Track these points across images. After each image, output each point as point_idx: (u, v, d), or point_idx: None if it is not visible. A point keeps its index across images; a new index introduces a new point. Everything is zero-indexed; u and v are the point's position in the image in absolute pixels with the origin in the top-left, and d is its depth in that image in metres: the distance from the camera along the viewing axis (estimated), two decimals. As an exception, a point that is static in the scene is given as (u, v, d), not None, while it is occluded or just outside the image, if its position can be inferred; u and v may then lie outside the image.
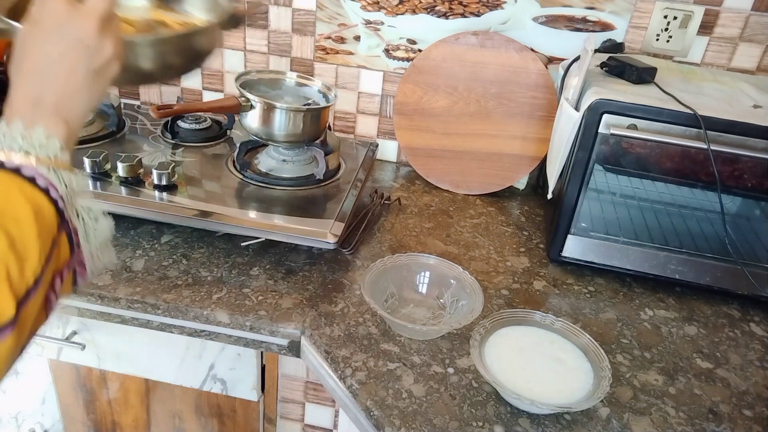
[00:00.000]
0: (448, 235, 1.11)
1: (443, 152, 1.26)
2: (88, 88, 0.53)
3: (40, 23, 0.52)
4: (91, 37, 0.52)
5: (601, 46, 1.12)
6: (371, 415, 0.74)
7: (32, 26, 0.52)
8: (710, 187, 0.93)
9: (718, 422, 0.77)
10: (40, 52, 0.51)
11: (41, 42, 0.51)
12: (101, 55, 0.53)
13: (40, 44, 0.51)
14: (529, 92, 1.19)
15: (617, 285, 1.02)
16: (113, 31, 0.55)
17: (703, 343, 0.91)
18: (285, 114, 1.06)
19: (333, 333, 0.84)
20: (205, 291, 0.90)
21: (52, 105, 0.51)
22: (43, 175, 0.48)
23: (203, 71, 1.38)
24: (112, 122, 1.18)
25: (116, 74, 0.56)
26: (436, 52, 1.21)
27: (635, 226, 1.01)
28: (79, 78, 0.52)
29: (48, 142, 0.49)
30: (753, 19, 1.13)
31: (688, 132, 0.89)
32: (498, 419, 0.74)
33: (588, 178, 0.96)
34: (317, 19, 1.27)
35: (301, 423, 1.10)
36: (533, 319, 0.84)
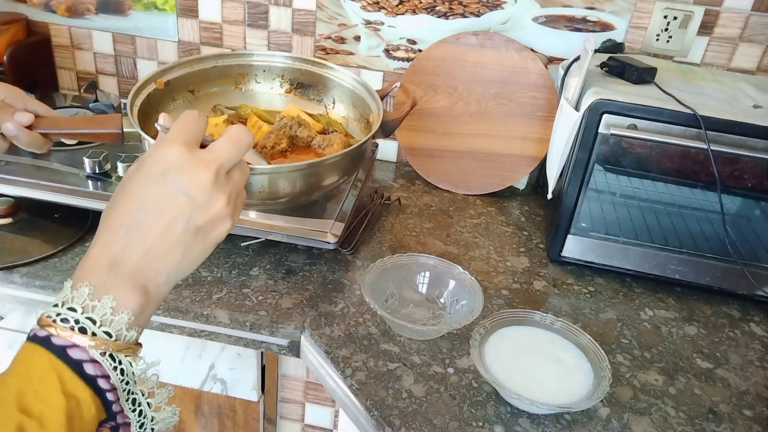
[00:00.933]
0: (448, 235, 1.11)
1: (443, 152, 1.26)
2: (182, 249, 0.44)
3: (147, 165, 0.43)
4: (202, 189, 0.43)
5: (601, 46, 1.12)
6: (371, 415, 0.74)
7: (138, 168, 0.44)
8: (710, 187, 0.93)
9: (718, 422, 0.77)
10: (136, 200, 0.42)
11: (140, 187, 0.43)
12: (209, 212, 0.44)
13: (139, 189, 0.43)
14: (529, 92, 1.19)
15: (617, 285, 1.02)
16: (233, 185, 0.45)
17: (703, 343, 0.91)
18: (285, 114, 1.05)
19: (333, 333, 0.84)
20: (205, 291, 0.90)
21: (133, 267, 0.42)
22: (95, 360, 0.39)
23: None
24: (112, 122, 1.18)
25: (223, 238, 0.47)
26: (436, 52, 1.21)
27: (635, 226, 1.01)
28: (175, 235, 0.43)
29: (114, 317, 0.40)
30: (753, 19, 1.13)
31: (688, 132, 0.89)
32: (498, 419, 0.74)
33: (588, 178, 0.96)
34: (317, 19, 1.27)
35: (301, 423, 1.10)
36: (533, 319, 0.84)
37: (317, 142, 0.78)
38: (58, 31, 1.38)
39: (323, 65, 0.80)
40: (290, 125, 0.75)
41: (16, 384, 0.37)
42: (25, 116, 0.58)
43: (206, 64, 0.74)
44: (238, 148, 0.46)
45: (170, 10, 1.31)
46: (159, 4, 1.31)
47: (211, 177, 0.43)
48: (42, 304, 0.89)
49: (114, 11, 1.34)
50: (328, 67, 0.81)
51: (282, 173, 0.68)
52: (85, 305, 0.39)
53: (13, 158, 1.04)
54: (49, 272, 0.89)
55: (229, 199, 0.45)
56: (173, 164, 0.43)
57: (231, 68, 0.77)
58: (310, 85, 0.81)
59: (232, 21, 1.30)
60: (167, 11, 1.32)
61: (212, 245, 0.46)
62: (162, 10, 1.32)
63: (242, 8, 1.29)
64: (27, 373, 0.37)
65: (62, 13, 1.36)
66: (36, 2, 1.35)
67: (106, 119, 0.60)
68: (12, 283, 0.89)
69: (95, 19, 1.35)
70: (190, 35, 1.34)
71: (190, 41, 1.34)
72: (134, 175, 0.44)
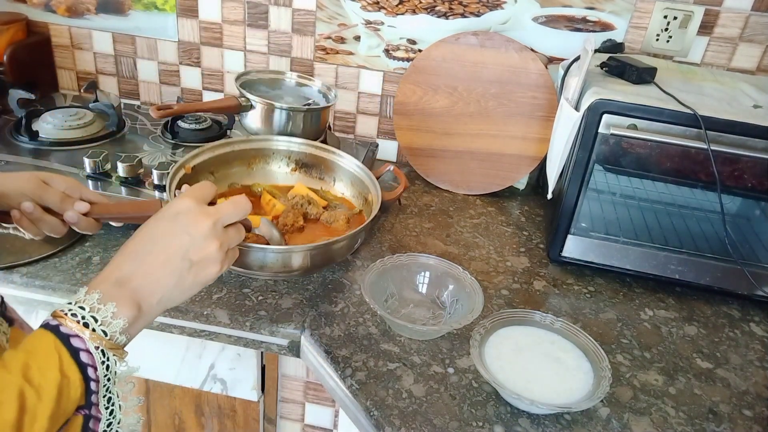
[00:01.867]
0: (448, 235, 1.11)
1: (443, 152, 1.26)
2: (177, 278, 0.53)
3: (164, 210, 0.55)
4: (201, 232, 0.53)
5: (601, 46, 1.12)
6: (371, 415, 0.74)
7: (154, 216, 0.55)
8: (710, 187, 0.93)
9: (718, 422, 0.77)
10: (150, 233, 0.53)
11: (155, 223, 0.54)
12: (203, 251, 0.53)
13: (153, 225, 0.54)
14: (529, 92, 1.19)
15: (617, 285, 1.02)
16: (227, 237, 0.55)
17: (703, 343, 0.91)
18: (285, 114, 1.06)
19: (333, 333, 0.84)
20: (205, 291, 0.90)
21: (134, 286, 0.51)
22: (89, 352, 0.47)
23: (203, 71, 1.38)
24: (112, 122, 1.18)
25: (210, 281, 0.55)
26: (436, 52, 1.21)
27: (635, 226, 1.01)
28: (173, 265, 0.52)
29: (112, 320, 0.49)
30: (753, 19, 1.14)
31: (688, 132, 0.89)
32: (498, 419, 0.74)
33: (588, 178, 0.96)
34: (317, 19, 1.27)
35: (301, 423, 1.10)
36: (533, 319, 0.84)
37: (325, 217, 0.88)
38: (58, 31, 1.38)
39: (327, 150, 0.92)
40: (301, 203, 0.87)
41: (24, 357, 0.45)
42: (83, 205, 0.68)
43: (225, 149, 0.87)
44: (237, 210, 0.57)
45: (170, 10, 1.31)
46: (159, 4, 1.31)
47: (210, 224, 0.54)
48: (42, 303, 0.89)
49: (114, 11, 1.34)
50: (331, 152, 0.93)
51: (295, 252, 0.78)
52: (93, 307, 0.48)
53: (13, 158, 1.04)
54: (49, 272, 0.89)
55: (221, 246, 0.55)
56: (183, 210, 0.54)
57: (246, 152, 0.90)
58: (314, 165, 0.94)
59: (232, 21, 1.31)
60: (167, 11, 1.32)
61: (202, 283, 0.55)
62: (162, 10, 1.32)
63: (242, 8, 1.29)
64: (35, 350, 0.46)
65: (62, 13, 1.36)
66: (36, 2, 1.35)
67: (148, 204, 0.71)
68: (12, 282, 0.89)
69: (95, 19, 1.36)
70: (190, 35, 1.34)
71: (190, 41, 1.34)
72: (155, 216, 0.55)
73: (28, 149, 1.08)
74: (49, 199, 0.67)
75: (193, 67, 1.38)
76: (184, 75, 1.39)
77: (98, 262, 0.93)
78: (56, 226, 0.68)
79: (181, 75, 1.39)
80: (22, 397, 0.43)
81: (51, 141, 1.09)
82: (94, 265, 0.93)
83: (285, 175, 0.93)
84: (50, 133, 1.11)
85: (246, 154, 0.90)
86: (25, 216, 0.66)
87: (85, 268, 0.92)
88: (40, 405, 0.44)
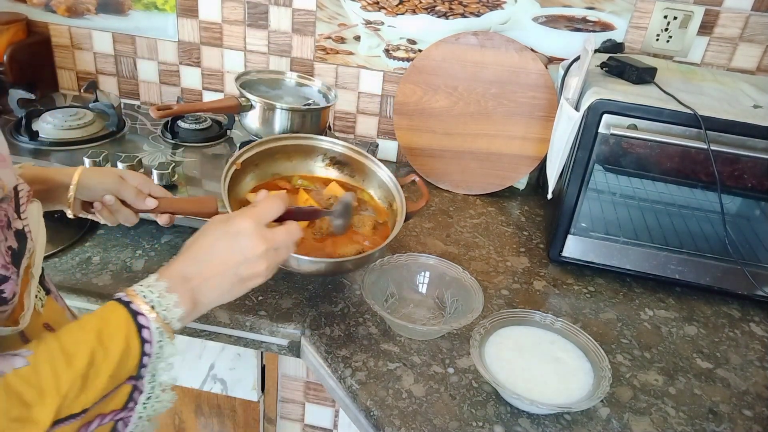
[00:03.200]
0: (448, 235, 1.11)
1: (443, 152, 1.26)
2: (228, 287, 0.61)
3: (229, 225, 0.62)
4: (254, 254, 0.61)
5: (601, 46, 1.12)
6: (371, 415, 0.74)
7: (219, 222, 0.62)
8: (710, 187, 0.93)
9: (718, 422, 0.77)
10: (213, 244, 0.61)
11: (219, 236, 0.61)
12: (253, 269, 0.61)
13: (217, 238, 0.61)
14: (529, 92, 1.19)
15: (617, 285, 1.02)
16: (273, 259, 0.63)
17: (703, 343, 0.91)
18: (285, 114, 1.06)
19: (333, 333, 0.84)
20: (205, 291, 0.90)
21: (194, 286, 0.59)
22: (151, 330, 0.55)
23: (203, 71, 1.38)
24: (112, 122, 1.18)
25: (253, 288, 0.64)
26: (436, 52, 1.21)
27: (635, 226, 1.01)
28: (227, 276, 0.60)
29: (173, 308, 0.57)
30: (753, 19, 1.14)
31: (688, 132, 0.89)
32: (498, 419, 0.74)
33: (588, 178, 0.96)
34: (317, 19, 1.27)
35: (301, 423, 1.10)
36: (533, 319, 0.84)
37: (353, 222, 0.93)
38: (58, 31, 1.38)
39: (366, 156, 0.99)
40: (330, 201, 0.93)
41: (98, 323, 0.53)
42: (153, 202, 0.77)
43: (270, 145, 0.94)
44: (289, 237, 0.65)
45: (170, 10, 1.31)
46: (159, 4, 1.31)
47: (263, 249, 0.61)
48: (42, 304, 0.89)
49: (114, 11, 1.34)
50: (369, 159, 0.99)
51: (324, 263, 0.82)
52: (161, 293, 0.56)
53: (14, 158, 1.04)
54: (49, 272, 0.89)
55: (269, 266, 0.63)
56: (243, 232, 0.61)
57: (287, 147, 0.97)
58: (347, 164, 1.00)
59: (232, 21, 1.31)
60: (167, 11, 1.32)
61: (245, 290, 0.63)
62: (162, 10, 1.32)
63: (242, 8, 1.29)
64: (108, 318, 0.54)
65: (62, 13, 1.36)
66: (36, 2, 1.35)
67: (206, 201, 0.79)
68: (12, 283, 0.89)
69: (95, 19, 1.35)
70: (190, 35, 1.34)
71: (190, 41, 1.34)
72: (219, 227, 0.62)
73: (28, 149, 1.08)
74: (126, 194, 0.75)
75: (193, 67, 1.38)
76: (184, 75, 1.39)
77: (98, 262, 0.93)
78: (130, 216, 0.77)
79: (181, 75, 1.39)
80: (93, 354, 0.51)
81: (51, 141, 1.09)
82: (94, 265, 0.93)
83: (320, 170, 1.00)
84: (50, 133, 1.11)
85: (288, 148, 0.96)
86: (105, 207, 0.75)
87: (85, 268, 0.92)
88: (105, 364, 0.51)
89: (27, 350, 0.49)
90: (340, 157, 0.99)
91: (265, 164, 0.93)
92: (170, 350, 0.57)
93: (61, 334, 0.51)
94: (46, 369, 0.48)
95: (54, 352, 0.50)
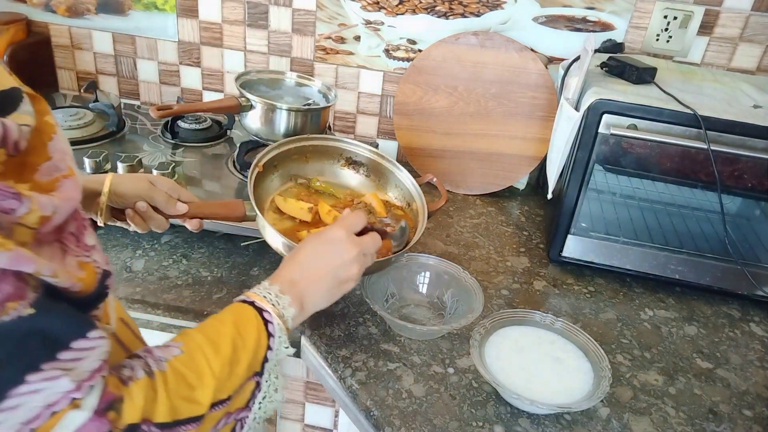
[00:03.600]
0: (448, 235, 1.11)
1: (443, 152, 1.26)
2: (327, 289, 0.67)
3: (326, 235, 0.69)
4: (350, 257, 0.68)
5: (601, 46, 1.12)
6: (371, 415, 0.74)
7: (315, 235, 0.70)
8: (710, 187, 0.93)
9: (718, 422, 0.77)
10: (314, 252, 0.68)
11: (318, 245, 0.68)
12: (348, 272, 0.68)
13: (317, 246, 0.68)
14: (529, 92, 1.19)
15: (617, 285, 1.02)
16: (363, 263, 0.70)
17: (703, 343, 0.91)
18: (285, 114, 1.06)
19: (333, 333, 0.84)
20: (205, 291, 0.90)
21: (301, 289, 0.65)
22: (274, 324, 0.60)
23: (203, 71, 1.38)
24: (112, 122, 1.18)
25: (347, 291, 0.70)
26: (436, 52, 1.21)
27: (635, 226, 1.01)
28: (327, 279, 0.67)
29: (288, 307, 0.62)
30: (753, 19, 1.14)
31: (688, 132, 0.89)
32: (498, 419, 0.74)
33: (588, 178, 0.96)
34: (317, 19, 1.27)
35: (301, 423, 1.10)
36: (533, 319, 0.84)
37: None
38: (58, 31, 1.38)
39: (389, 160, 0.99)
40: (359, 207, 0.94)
41: (233, 317, 0.59)
42: (184, 207, 0.79)
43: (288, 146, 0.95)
44: (375, 243, 0.72)
45: (170, 10, 1.31)
46: (159, 4, 1.31)
47: (356, 252, 0.68)
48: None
49: (114, 11, 1.34)
50: (392, 163, 0.99)
51: None
52: (276, 294, 0.62)
53: (13, 158, 1.04)
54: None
55: (360, 269, 0.69)
56: (339, 239, 0.68)
57: (305, 148, 0.97)
58: (363, 164, 1.00)
59: (232, 21, 1.31)
60: (167, 11, 1.32)
61: (341, 293, 0.69)
62: (162, 10, 1.32)
63: (242, 8, 1.29)
64: (240, 315, 0.59)
65: (62, 13, 1.36)
66: (36, 2, 1.35)
67: (233, 205, 0.81)
68: (12, 283, 0.89)
69: (95, 19, 1.36)
70: (190, 35, 1.34)
71: (190, 41, 1.34)
72: (316, 238, 0.69)
73: (28, 149, 1.08)
74: (158, 200, 0.76)
75: (193, 67, 1.38)
76: (184, 75, 1.39)
77: (98, 262, 0.93)
78: (162, 222, 0.78)
79: (181, 75, 1.39)
80: (234, 342, 0.56)
81: (51, 141, 1.09)
82: (94, 265, 0.93)
83: (336, 170, 1.00)
84: (50, 133, 1.11)
85: (305, 150, 0.97)
86: (138, 214, 0.76)
87: (85, 268, 0.91)
88: (243, 352, 0.56)
89: (176, 342, 0.55)
90: (358, 158, 0.99)
91: (283, 165, 0.94)
92: (285, 350, 0.61)
93: (202, 327, 0.57)
94: (199, 355, 0.53)
95: (201, 341, 0.55)
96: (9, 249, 0.40)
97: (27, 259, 0.41)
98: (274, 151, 0.92)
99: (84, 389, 0.44)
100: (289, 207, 0.89)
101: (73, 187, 0.48)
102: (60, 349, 0.43)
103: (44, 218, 0.43)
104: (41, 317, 0.42)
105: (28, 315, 0.41)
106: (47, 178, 0.46)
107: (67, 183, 0.47)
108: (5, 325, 0.40)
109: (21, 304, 0.41)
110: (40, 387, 0.42)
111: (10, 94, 0.45)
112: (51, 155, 0.46)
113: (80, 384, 0.44)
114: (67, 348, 0.43)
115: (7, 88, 0.45)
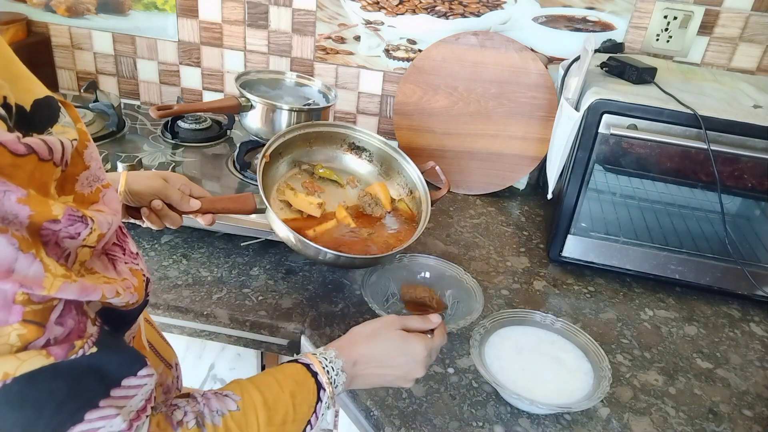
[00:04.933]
0: (448, 235, 1.11)
1: (443, 152, 1.26)
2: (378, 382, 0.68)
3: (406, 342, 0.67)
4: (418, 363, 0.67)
5: (601, 46, 1.12)
6: (371, 415, 0.74)
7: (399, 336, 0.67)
8: (710, 187, 0.93)
9: (718, 422, 0.77)
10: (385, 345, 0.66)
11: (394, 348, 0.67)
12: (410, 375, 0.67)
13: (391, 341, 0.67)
14: (529, 92, 1.19)
15: (617, 285, 1.02)
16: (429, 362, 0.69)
17: (703, 343, 0.91)
18: (285, 114, 1.06)
19: (333, 333, 0.84)
20: (205, 291, 0.90)
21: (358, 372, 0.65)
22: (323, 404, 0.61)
23: (203, 71, 1.38)
24: (112, 122, 1.18)
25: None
26: (436, 52, 1.21)
27: (635, 226, 1.01)
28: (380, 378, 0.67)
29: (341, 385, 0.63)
30: (753, 19, 1.14)
31: (688, 132, 0.89)
32: (498, 419, 0.74)
33: (588, 178, 0.96)
34: (317, 19, 1.27)
35: (301, 423, 1.10)
36: (533, 319, 0.84)
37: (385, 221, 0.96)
38: (58, 31, 1.38)
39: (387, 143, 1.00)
40: (369, 203, 0.95)
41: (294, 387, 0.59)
42: (197, 203, 0.78)
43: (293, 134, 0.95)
44: (442, 341, 0.70)
45: (170, 10, 1.31)
46: (159, 4, 1.31)
47: (423, 373, 0.68)
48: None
49: (114, 11, 1.34)
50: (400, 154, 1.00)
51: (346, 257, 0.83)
52: (338, 371, 0.63)
53: (13, 158, 1.04)
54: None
55: (425, 370, 0.68)
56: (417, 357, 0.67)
57: (309, 134, 0.97)
58: (365, 150, 1.00)
59: (232, 21, 1.31)
60: (167, 11, 1.32)
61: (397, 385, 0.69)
62: (162, 10, 1.32)
63: (242, 8, 1.29)
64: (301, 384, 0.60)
65: (62, 13, 1.36)
66: (36, 2, 1.35)
67: (244, 199, 0.81)
68: (12, 283, 0.89)
69: (95, 19, 1.36)
70: (190, 35, 1.34)
71: (190, 41, 1.34)
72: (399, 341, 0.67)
73: (28, 149, 1.08)
74: (172, 197, 0.75)
75: (193, 67, 1.38)
76: (184, 75, 1.39)
77: (98, 262, 0.93)
78: (177, 219, 0.77)
79: (181, 75, 1.39)
80: (286, 414, 0.57)
81: (51, 141, 1.09)
82: (94, 265, 0.93)
83: (338, 154, 1.01)
84: (50, 133, 1.11)
85: (309, 136, 0.98)
86: (153, 212, 0.75)
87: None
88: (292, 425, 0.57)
89: (234, 394, 0.55)
90: (360, 143, 1.00)
91: (288, 152, 0.95)
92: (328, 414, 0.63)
93: (263, 388, 0.57)
94: (252, 418, 0.54)
95: (258, 403, 0.55)
96: (74, 281, 0.39)
97: (91, 289, 0.40)
98: (280, 140, 0.93)
99: (134, 429, 0.44)
100: (299, 202, 0.90)
101: (116, 198, 0.47)
102: (113, 386, 0.43)
103: (101, 236, 0.43)
104: (101, 354, 0.42)
105: (90, 354, 0.41)
106: (88, 190, 0.45)
107: (109, 193, 0.46)
108: (70, 363, 0.40)
109: (87, 343, 0.41)
110: (96, 426, 0.42)
111: (48, 103, 0.44)
112: (88, 164, 0.45)
113: (131, 423, 0.44)
114: (118, 385, 0.43)
115: (43, 97, 0.44)
